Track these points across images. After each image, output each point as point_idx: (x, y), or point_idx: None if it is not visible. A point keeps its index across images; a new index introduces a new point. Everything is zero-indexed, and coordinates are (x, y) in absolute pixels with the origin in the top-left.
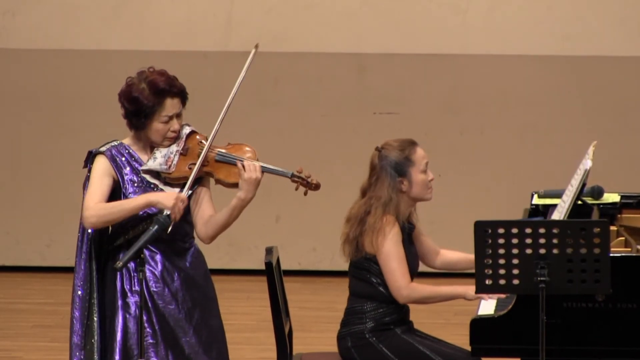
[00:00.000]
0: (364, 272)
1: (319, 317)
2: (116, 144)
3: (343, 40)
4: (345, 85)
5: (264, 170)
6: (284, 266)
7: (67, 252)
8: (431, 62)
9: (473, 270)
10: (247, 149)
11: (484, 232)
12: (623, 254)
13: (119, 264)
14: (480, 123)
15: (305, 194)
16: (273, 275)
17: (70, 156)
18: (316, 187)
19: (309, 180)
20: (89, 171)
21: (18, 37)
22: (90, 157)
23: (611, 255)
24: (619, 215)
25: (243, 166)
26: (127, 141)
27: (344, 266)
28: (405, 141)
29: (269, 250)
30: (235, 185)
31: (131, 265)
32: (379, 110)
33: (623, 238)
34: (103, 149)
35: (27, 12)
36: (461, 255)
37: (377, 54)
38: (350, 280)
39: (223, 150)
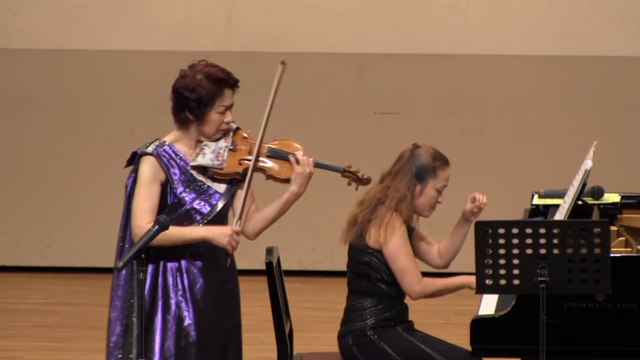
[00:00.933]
0: (363, 267)
1: (319, 317)
2: (159, 142)
3: (343, 41)
4: (346, 85)
5: (316, 165)
6: (284, 266)
7: (67, 252)
8: (431, 62)
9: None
10: (296, 144)
11: (485, 232)
12: (623, 254)
13: (120, 264)
14: (481, 123)
15: (357, 189)
16: (273, 275)
17: (71, 156)
18: (367, 181)
19: (359, 175)
20: (134, 172)
21: (18, 37)
22: (136, 159)
23: (611, 255)
24: (619, 216)
25: (297, 160)
26: (169, 139)
27: (344, 266)
28: (441, 155)
29: (269, 251)
30: (286, 180)
31: (174, 264)
32: (379, 110)
33: (623, 238)
34: (149, 149)
35: (28, 12)
36: (445, 242)
37: (377, 54)
38: (349, 277)
39: (273, 146)
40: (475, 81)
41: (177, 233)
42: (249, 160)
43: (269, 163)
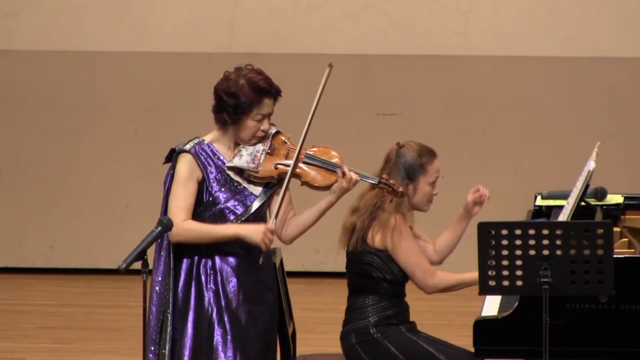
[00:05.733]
0: (365, 266)
1: (322, 318)
2: (198, 141)
3: (346, 42)
4: (349, 86)
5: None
6: (287, 267)
7: (70, 253)
8: (434, 64)
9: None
10: (334, 153)
11: (487, 233)
12: (626, 255)
13: (122, 265)
14: (483, 124)
15: (391, 201)
16: (277, 276)
17: (74, 158)
18: (402, 194)
19: (394, 187)
20: (172, 168)
21: (21, 38)
22: (174, 155)
23: (614, 256)
24: (622, 217)
25: (343, 174)
26: (208, 138)
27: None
28: (426, 148)
29: (272, 252)
30: (320, 188)
31: (208, 262)
32: (382, 111)
33: (626, 239)
34: (187, 146)
35: (31, 13)
36: (443, 237)
37: (381, 55)
38: (349, 277)
39: (311, 153)
40: (478, 82)
41: (211, 230)
42: (285, 165)
43: (305, 169)
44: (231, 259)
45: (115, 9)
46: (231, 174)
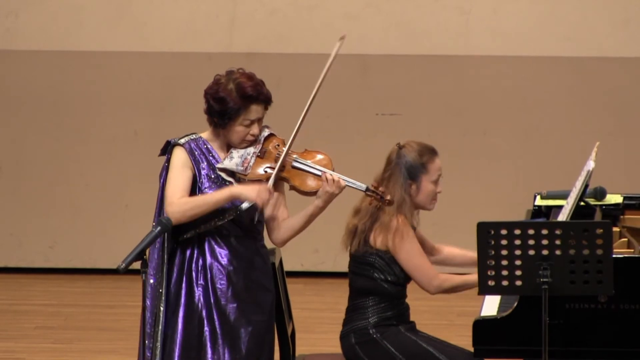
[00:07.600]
0: (366, 267)
1: (321, 318)
2: (195, 137)
3: (347, 42)
4: (349, 86)
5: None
6: (287, 267)
7: (70, 253)
8: (434, 63)
9: (467, 270)
10: (323, 157)
11: (487, 233)
12: (626, 255)
13: (122, 265)
14: (483, 124)
15: (379, 208)
16: (276, 276)
17: (74, 157)
18: (389, 202)
19: (383, 195)
20: (167, 161)
21: (21, 38)
22: (169, 147)
23: (614, 256)
24: (621, 217)
25: (327, 179)
26: (205, 135)
27: (347, 267)
28: (427, 147)
29: (272, 252)
30: (308, 193)
31: (200, 260)
32: (382, 111)
33: (626, 239)
34: (182, 141)
35: (31, 13)
36: (458, 251)
37: (381, 55)
38: (351, 277)
39: (300, 158)
40: (478, 82)
41: (206, 198)
42: (274, 168)
43: (293, 173)
44: (222, 258)
45: (115, 9)
46: (223, 175)
